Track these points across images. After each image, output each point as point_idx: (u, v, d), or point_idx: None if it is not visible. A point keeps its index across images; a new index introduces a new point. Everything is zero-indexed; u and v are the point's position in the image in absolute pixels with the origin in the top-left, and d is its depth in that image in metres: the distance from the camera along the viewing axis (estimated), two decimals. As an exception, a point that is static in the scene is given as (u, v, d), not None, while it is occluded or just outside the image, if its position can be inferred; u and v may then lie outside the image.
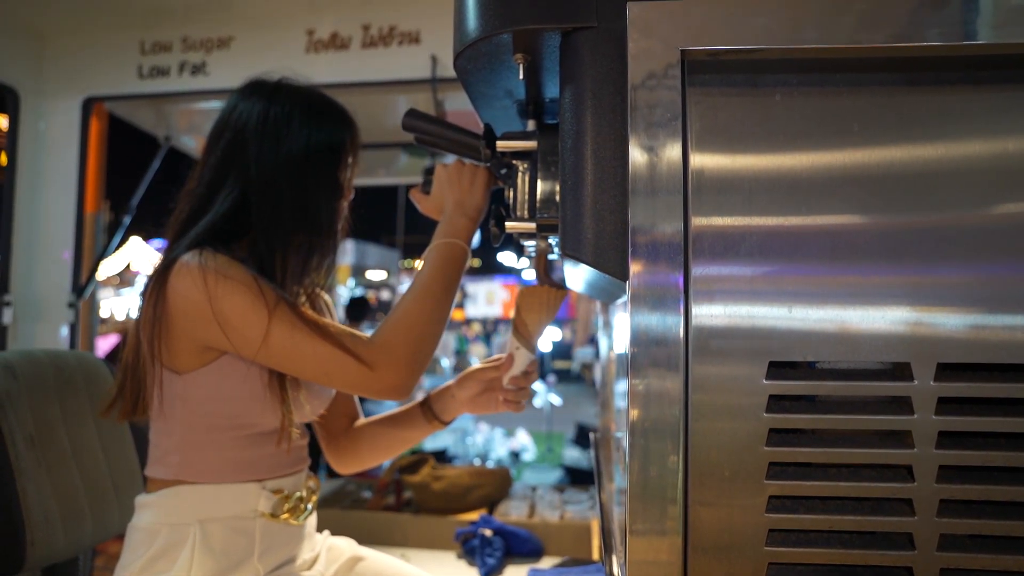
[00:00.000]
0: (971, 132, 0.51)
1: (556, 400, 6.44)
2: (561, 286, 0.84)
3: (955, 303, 0.50)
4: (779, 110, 0.53)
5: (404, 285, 13.00)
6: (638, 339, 0.50)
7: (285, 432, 0.82)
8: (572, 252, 0.56)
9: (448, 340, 9.21)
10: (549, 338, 8.89)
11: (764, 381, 0.52)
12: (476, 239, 0.89)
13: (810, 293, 0.52)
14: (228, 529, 0.81)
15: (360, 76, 1.71)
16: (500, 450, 5.66)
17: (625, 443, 0.51)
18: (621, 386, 0.67)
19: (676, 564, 0.50)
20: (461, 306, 14.20)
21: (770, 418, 0.52)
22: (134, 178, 2.13)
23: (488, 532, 1.47)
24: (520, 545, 1.50)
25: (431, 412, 0.97)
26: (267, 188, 0.82)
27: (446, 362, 8.80)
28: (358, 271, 14.34)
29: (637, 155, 0.50)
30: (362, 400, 1.23)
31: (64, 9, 1.77)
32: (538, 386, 6.44)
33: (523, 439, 5.90)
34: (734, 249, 0.52)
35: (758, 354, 0.52)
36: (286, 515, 0.86)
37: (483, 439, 5.71)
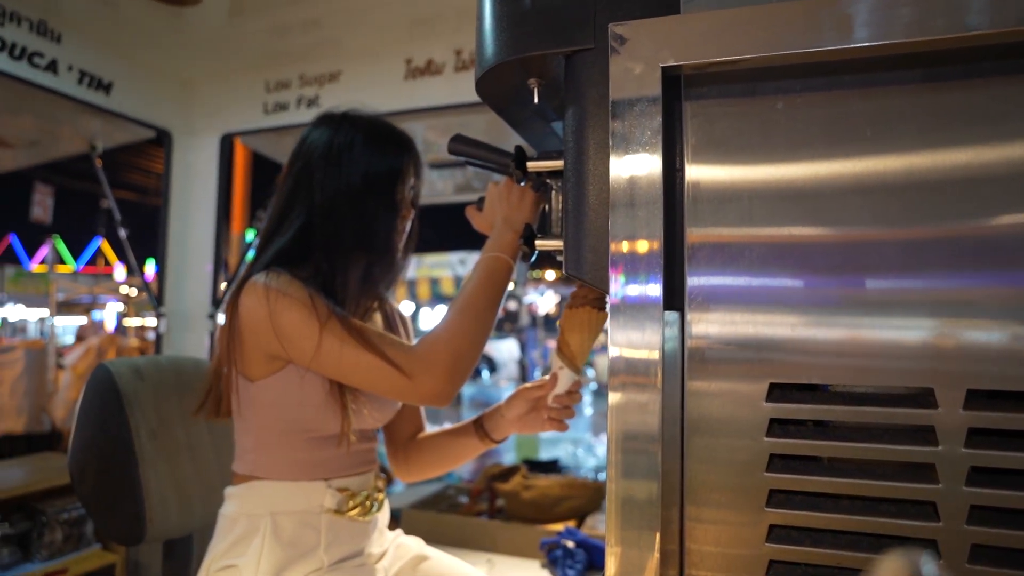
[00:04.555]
0: (1005, 130, 0.45)
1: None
2: (603, 307, 0.83)
3: (987, 322, 0.45)
4: (782, 118, 0.50)
5: (528, 296, 13.16)
6: (620, 352, 0.49)
7: (344, 436, 0.89)
8: (572, 271, 0.57)
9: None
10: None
11: (764, 403, 0.49)
12: None
13: (817, 310, 0.48)
14: (296, 522, 0.89)
15: (454, 99, 1.80)
16: (621, 462, 5.53)
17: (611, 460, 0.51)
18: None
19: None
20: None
21: (771, 442, 0.49)
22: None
23: (571, 544, 1.47)
24: (603, 559, 1.48)
25: (483, 430, 1.01)
26: (329, 212, 0.90)
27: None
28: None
29: (618, 171, 0.50)
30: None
31: (206, 58, 2.05)
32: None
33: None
34: (733, 262, 0.50)
35: (758, 374, 0.49)
36: (353, 512, 0.93)
37: (604, 450, 5.62)
